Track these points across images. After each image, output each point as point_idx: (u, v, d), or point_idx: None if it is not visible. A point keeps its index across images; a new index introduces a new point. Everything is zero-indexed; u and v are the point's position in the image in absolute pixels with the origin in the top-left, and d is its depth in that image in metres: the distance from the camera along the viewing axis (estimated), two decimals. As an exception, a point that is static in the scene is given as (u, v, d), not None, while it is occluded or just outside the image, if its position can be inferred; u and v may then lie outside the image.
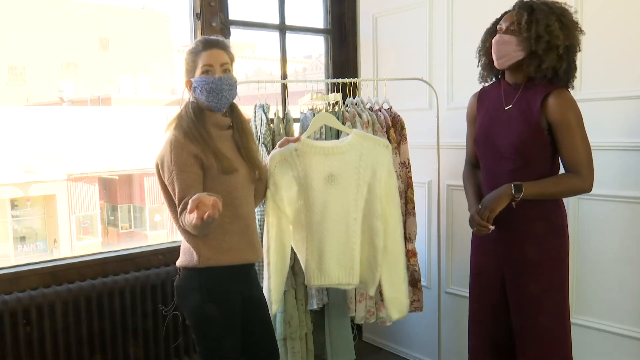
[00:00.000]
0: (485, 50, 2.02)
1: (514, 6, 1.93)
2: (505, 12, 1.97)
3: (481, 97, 2.09)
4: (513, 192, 1.84)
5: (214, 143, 1.81)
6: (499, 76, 2.04)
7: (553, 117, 1.84)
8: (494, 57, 1.95)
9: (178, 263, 1.90)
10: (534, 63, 1.85)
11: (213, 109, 1.83)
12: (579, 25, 1.87)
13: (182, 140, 1.76)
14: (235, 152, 1.88)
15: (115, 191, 15.18)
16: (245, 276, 1.94)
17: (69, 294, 2.41)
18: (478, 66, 2.08)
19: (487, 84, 2.09)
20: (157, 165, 1.82)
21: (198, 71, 1.81)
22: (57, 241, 13.75)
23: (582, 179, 1.85)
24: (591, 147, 1.89)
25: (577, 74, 1.92)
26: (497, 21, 1.99)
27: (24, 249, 13.83)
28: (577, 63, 1.90)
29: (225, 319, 1.85)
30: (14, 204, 13.64)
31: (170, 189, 1.78)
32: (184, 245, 1.87)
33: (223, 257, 1.83)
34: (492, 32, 1.99)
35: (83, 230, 14.34)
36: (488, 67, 2.03)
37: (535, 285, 1.91)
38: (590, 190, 1.89)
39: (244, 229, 1.88)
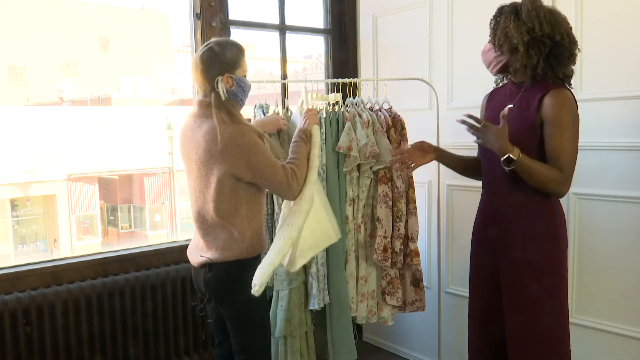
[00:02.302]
0: None
1: None
2: None
3: (491, 97, 2.10)
4: (508, 156, 1.77)
5: None
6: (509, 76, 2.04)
7: (546, 114, 1.82)
8: (485, 66, 2.01)
9: (218, 257, 1.90)
10: (513, 65, 1.87)
11: (239, 107, 1.97)
12: (542, 15, 1.81)
13: (252, 129, 1.90)
14: None
15: (115, 191, 15.20)
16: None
17: (69, 294, 2.41)
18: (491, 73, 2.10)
19: (487, 94, 2.13)
20: (236, 164, 1.83)
21: (240, 72, 1.92)
22: (57, 241, 13.77)
23: (561, 181, 1.81)
24: (591, 148, 1.88)
25: (577, 74, 1.91)
26: None
27: (24, 249, 13.85)
28: (578, 63, 1.87)
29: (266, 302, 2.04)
30: (14, 204, 13.66)
31: (264, 171, 1.86)
32: (224, 239, 1.89)
33: (263, 244, 2.00)
34: None
35: (83, 230, 14.36)
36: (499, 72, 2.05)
37: (531, 287, 1.91)
38: (563, 195, 1.85)
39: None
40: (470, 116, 1.86)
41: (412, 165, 2.16)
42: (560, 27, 1.82)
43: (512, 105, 1.92)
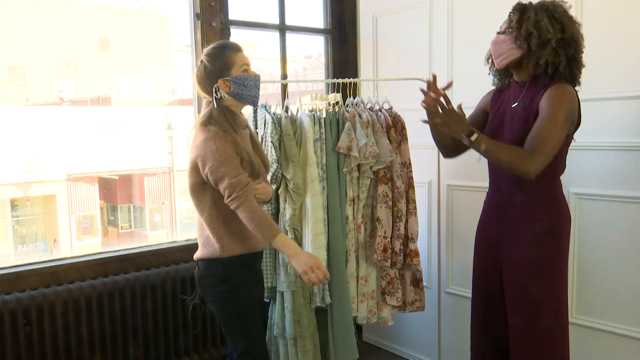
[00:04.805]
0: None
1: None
2: None
3: (495, 96, 2.10)
4: (465, 134, 1.82)
5: (247, 146, 1.94)
6: (510, 78, 2.05)
7: (542, 104, 1.83)
8: (493, 57, 1.98)
9: (198, 255, 2.01)
10: (532, 60, 1.86)
11: (252, 103, 1.98)
12: (573, 18, 1.86)
13: (223, 135, 1.87)
14: (251, 149, 1.99)
15: (115, 191, 15.19)
16: (257, 262, 2.10)
17: (69, 294, 2.41)
18: (489, 73, 2.10)
19: (493, 91, 2.12)
20: (195, 162, 1.88)
21: (236, 70, 1.92)
22: (57, 241, 13.75)
23: (530, 161, 1.78)
24: (591, 148, 1.88)
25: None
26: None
27: (24, 249, 13.83)
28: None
29: (247, 300, 2.00)
30: (14, 204, 13.64)
31: (215, 177, 1.84)
32: (204, 237, 1.97)
33: (243, 245, 1.96)
34: None
35: (83, 230, 14.35)
36: (498, 72, 2.05)
37: (533, 286, 1.91)
38: (532, 177, 1.81)
39: None
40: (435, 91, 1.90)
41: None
42: (581, 33, 1.87)
43: (517, 104, 1.93)
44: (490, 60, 2.06)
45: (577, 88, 1.90)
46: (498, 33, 1.97)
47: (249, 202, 1.84)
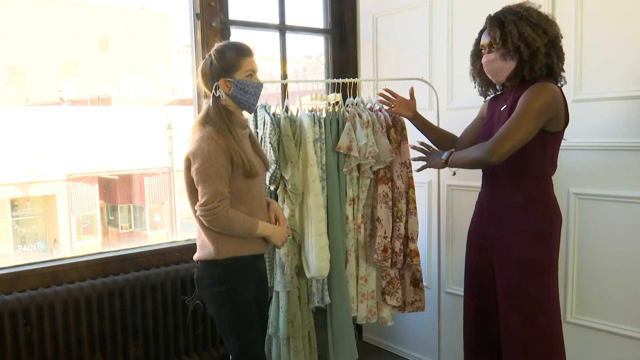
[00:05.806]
0: (477, 71, 2.08)
1: (486, 23, 1.97)
2: (481, 31, 2.02)
3: (491, 102, 2.12)
4: (443, 159, 2.02)
5: (242, 146, 1.93)
6: (494, 86, 2.08)
7: (519, 101, 1.86)
8: (490, 76, 2.00)
9: (196, 257, 2.02)
10: (527, 67, 1.88)
11: (247, 109, 1.98)
12: (548, 17, 1.90)
13: (216, 136, 1.87)
14: (251, 149, 2.00)
15: (115, 191, 15.18)
16: (257, 265, 2.09)
17: (69, 294, 2.41)
18: (475, 87, 2.12)
19: (490, 97, 2.14)
20: (187, 159, 1.90)
21: (240, 73, 1.92)
22: (57, 241, 13.74)
23: (484, 149, 1.84)
24: (591, 148, 1.89)
25: (577, 74, 1.93)
26: (478, 41, 2.04)
27: (24, 249, 13.82)
28: (577, 63, 1.90)
29: (244, 302, 1.99)
30: (14, 204, 13.63)
31: (198, 178, 1.85)
32: (201, 239, 1.98)
33: (239, 248, 1.96)
34: (477, 53, 2.05)
35: (83, 230, 14.34)
36: (485, 84, 2.08)
37: (522, 285, 1.92)
38: (489, 163, 1.86)
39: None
40: (421, 143, 2.24)
41: (392, 108, 2.42)
42: (557, 26, 1.90)
43: (505, 107, 1.95)
44: (474, 76, 2.09)
45: (577, 88, 1.91)
46: (480, 48, 1.99)
47: (226, 214, 1.86)
